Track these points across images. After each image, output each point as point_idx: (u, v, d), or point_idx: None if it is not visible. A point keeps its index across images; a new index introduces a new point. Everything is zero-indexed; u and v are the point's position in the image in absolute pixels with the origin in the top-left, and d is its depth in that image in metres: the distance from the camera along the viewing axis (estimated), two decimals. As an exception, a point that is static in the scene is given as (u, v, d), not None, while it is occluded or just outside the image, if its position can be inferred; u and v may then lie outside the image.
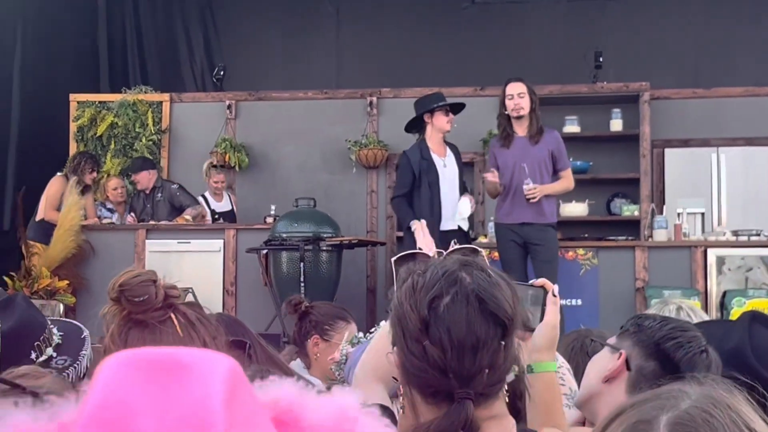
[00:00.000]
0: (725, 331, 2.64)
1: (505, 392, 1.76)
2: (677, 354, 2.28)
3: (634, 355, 2.34)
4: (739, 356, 2.48)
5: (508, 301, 1.72)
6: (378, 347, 2.14)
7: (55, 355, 2.79)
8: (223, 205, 9.83)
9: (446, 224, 7.52)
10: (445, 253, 2.05)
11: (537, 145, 7.47)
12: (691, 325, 2.45)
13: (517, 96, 7.47)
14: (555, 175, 7.59)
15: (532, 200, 7.39)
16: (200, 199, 9.76)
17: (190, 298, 4.32)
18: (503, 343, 1.70)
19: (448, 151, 7.76)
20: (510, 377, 1.78)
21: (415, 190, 7.54)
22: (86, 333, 2.95)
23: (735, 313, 7.51)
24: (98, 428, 0.77)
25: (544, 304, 2.16)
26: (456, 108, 7.81)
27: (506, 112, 7.53)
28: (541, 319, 2.17)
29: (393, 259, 2.05)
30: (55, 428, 0.83)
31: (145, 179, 9.78)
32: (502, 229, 7.64)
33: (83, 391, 0.81)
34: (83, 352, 2.84)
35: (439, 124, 7.64)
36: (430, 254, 2.00)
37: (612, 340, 2.43)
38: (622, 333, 2.42)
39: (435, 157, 7.64)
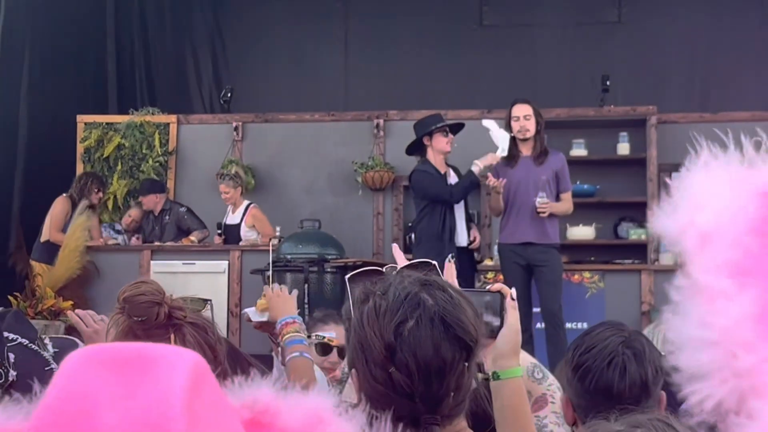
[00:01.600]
0: None
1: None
2: (588, 384, 2.25)
3: (572, 396, 2.32)
4: None
5: (472, 322, 1.69)
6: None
7: (54, 367, 2.77)
8: (234, 217, 9.69)
9: (459, 242, 7.64)
10: (398, 267, 2.00)
11: (541, 166, 7.48)
12: (605, 336, 2.34)
13: (523, 118, 7.51)
14: (557, 197, 7.59)
15: (541, 215, 7.37)
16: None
17: (207, 311, 4.29)
18: (467, 364, 1.68)
19: (451, 172, 7.82)
20: (478, 379, 1.77)
21: (428, 206, 7.57)
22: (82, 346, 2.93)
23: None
24: (58, 421, 0.77)
25: (503, 309, 2.13)
26: (456, 128, 7.86)
27: (512, 134, 7.55)
28: (502, 325, 2.14)
29: (347, 277, 2.00)
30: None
31: (152, 202, 9.80)
32: (505, 251, 7.62)
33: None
34: None
35: (438, 145, 7.71)
36: (383, 270, 1.95)
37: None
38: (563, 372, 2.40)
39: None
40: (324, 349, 4.08)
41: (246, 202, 9.65)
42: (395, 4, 12.03)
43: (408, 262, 2.08)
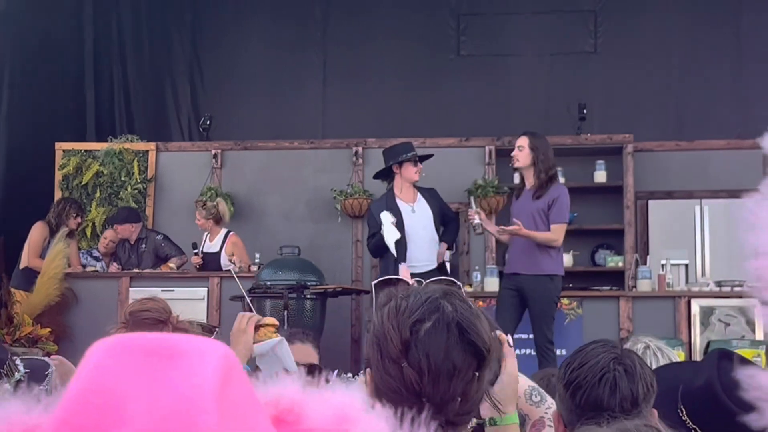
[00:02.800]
0: (694, 370, 2.64)
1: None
2: (579, 400, 2.27)
3: (563, 411, 2.34)
4: (709, 393, 2.49)
5: (486, 333, 1.75)
6: None
7: (25, 384, 2.78)
8: (213, 245, 9.67)
9: (422, 267, 7.68)
10: (424, 282, 2.09)
11: (539, 200, 7.49)
12: (597, 353, 2.38)
13: (517, 149, 7.58)
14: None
15: (471, 221, 7.63)
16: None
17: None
18: (477, 374, 1.73)
19: (419, 196, 7.95)
20: (471, 424, 1.80)
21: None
22: (52, 369, 2.93)
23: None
24: (84, 410, 0.75)
25: (499, 356, 2.15)
26: (424, 157, 8.04)
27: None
28: (498, 372, 2.17)
29: (373, 283, 2.08)
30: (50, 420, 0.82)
31: (128, 231, 9.77)
32: (504, 278, 7.80)
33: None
34: (42, 386, 2.82)
35: (407, 174, 7.89)
36: (410, 282, 2.03)
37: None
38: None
39: (401, 204, 7.91)
40: None
41: (224, 230, 9.64)
42: (373, 33, 12.11)
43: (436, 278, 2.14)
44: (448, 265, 8.39)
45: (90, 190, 10.54)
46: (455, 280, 1.95)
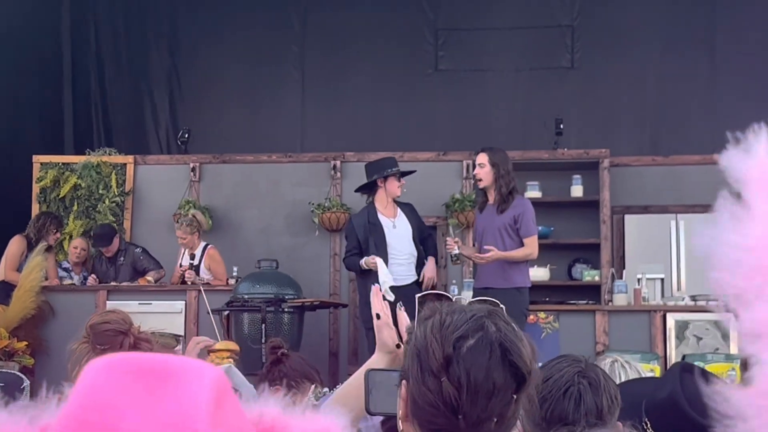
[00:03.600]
0: (657, 384, 2.68)
1: None
2: (544, 413, 2.30)
3: (528, 426, 2.36)
4: (673, 405, 2.52)
5: (529, 356, 1.75)
6: (357, 383, 2.18)
7: None
8: (192, 260, 9.66)
9: (402, 280, 7.87)
10: (468, 300, 2.12)
11: (502, 214, 7.58)
12: (561, 367, 2.41)
13: (478, 166, 7.68)
14: (520, 243, 7.66)
15: (449, 250, 7.74)
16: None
17: (179, 348, 4.32)
18: (515, 396, 1.74)
19: (399, 211, 8.01)
20: None
21: (364, 252, 7.93)
22: (26, 383, 2.94)
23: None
24: (81, 429, 0.77)
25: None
26: (407, 172, 8.14)
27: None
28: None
29: (418, 296, 2.12)
30: None
31: (115, 247, 9.77)
32: (474, 293, 7.81)
33: (65, 396, 0.81)
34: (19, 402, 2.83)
35: (391, 189, 7.97)
36: (453, 298, 2.05)
37: None
38: None
39: (382, 218, 7.99)
40: None
41: (203, 243, 9.64)
42: (352, 47, 12.16)
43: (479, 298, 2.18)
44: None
45: (67, 202, 10.51)
46: (498, 302, 1.97)
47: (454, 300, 2.07)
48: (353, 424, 2.22)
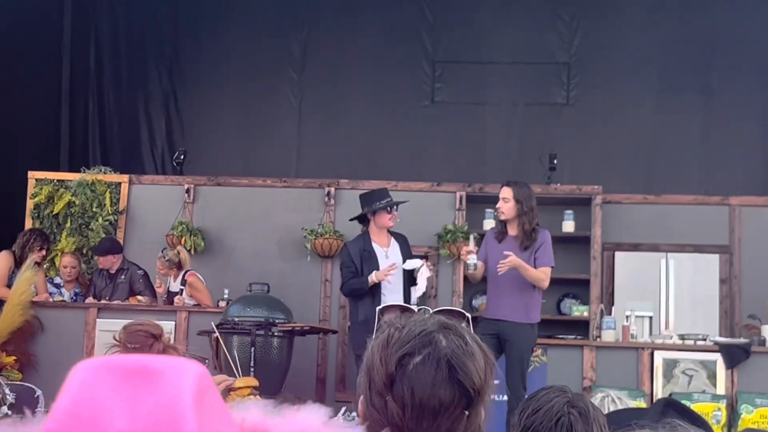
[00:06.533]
0: (641, 414, 2.73)
1: None
2: None
3: None
4: None
5: (479, 372, 1.72)
6: None
7: (9, 413, 2.81)
8: (174, 285, 9.68)
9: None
10: (431, 310, 2.10)
11: (527, 250, 7.58)
12: (550, 398, 2.44)
13: (502, 200, 7.66)
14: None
15: (465, 257, 7.60)
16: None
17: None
18: (466, 412, 1.70)
19: (393, 241, 8.01)
20: None
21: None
22: (39, 392, 2.98)
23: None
24: (72, 425, 0.80)
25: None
26: (399, 202, 8.13)
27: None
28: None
29: (378, 308, 2.11)
30: None
31: (108, 262, 9.76)
32: (482, 323, 7.73)
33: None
34: (38, 409, 2.86)
35: (380, 222, 7.97)
36: (415, 309, 2.05)
37: None
38: None
39: (377, 247, 7.96)
40: None
41: (183, 270, 9.65)
42: (350, 76, 12.25)
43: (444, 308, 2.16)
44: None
45: (61, 219, 10.52)
46: (464, 312, 1.96)
47: (416, 312, 2.07)
48: None
